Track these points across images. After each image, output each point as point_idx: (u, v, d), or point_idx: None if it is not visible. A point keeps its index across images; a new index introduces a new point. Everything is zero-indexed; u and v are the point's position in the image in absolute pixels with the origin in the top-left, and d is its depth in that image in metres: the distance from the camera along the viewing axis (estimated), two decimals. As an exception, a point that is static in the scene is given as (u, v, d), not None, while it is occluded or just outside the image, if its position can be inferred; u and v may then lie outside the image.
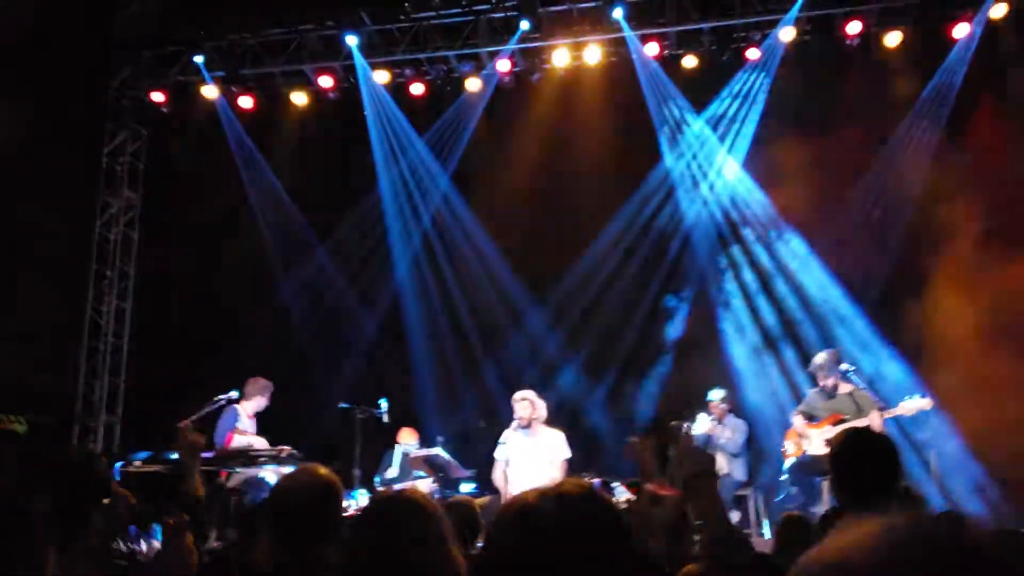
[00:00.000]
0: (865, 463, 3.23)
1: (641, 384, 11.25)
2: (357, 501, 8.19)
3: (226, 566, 2.43)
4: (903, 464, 3.29)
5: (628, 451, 3.84)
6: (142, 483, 7.93)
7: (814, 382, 8.87)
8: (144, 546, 7.49)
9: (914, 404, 8.16)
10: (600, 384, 11.36)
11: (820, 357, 8.84)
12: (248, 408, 9.00)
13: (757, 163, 11.48)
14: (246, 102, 12.38)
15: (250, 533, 3.13)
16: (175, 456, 8.04)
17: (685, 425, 9.18)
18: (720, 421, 9.53)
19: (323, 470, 3.10)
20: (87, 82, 12.20)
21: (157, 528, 7.80)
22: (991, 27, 10.63)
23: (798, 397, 9.71)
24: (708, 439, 9.32)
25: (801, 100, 10.95)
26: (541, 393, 8.79)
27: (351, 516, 5.64)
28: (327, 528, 2.91)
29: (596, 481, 5.94)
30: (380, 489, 8.68)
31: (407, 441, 9.86)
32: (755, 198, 11.55)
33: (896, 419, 8.34)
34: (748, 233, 11.57)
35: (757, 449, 10.17)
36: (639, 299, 11.63)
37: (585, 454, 9.50)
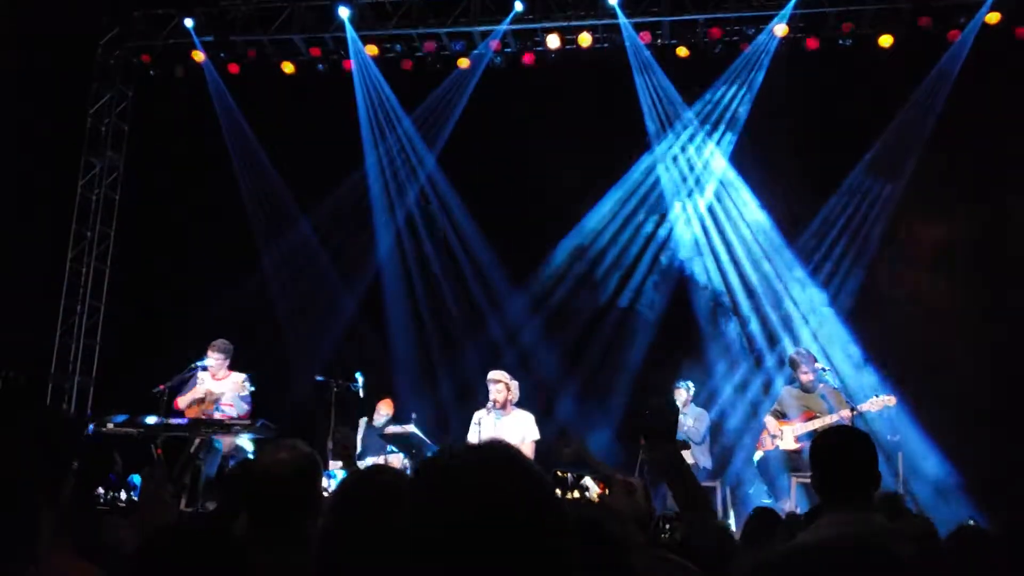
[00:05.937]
0: (845, 460, 3.25)
1: (615, 377, 11.23)
2: (336, 479, 8.21)
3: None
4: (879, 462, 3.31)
5: (565, 454, 3.79)
6: (115, 444, 7.98)
7: (791, 378, 9.00)
8: (124, 494, 7.57)
9: (880, 401, 8.36)
10: (574, 374, 11.37)
11: (798, 352, 8.97)
12: (213, 369, 9.03)
13: (745, 158, 11.51)
14: (234, 69, 12.28)
15: (230, 506, 3.14)
16: (150, 420, 8.08)
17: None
18: (683, 410, 9.62)
19: (303, 446, 3.12)
20: (75, 39, 12.04)
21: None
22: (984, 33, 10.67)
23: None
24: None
25: (791, 98, 10.97)
26: (515, 375, 8.83)
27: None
28: (307, 504, 2.94)
29: (569, 476, 5.94)
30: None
31: (383, 412, 9.88)
32: (740, 194, 11.58)
33: (864, 419, 8.45)
34: (731, 228, 11.60)
35: (726, 444, 10.32)
36: (619, 290, 11.66)
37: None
